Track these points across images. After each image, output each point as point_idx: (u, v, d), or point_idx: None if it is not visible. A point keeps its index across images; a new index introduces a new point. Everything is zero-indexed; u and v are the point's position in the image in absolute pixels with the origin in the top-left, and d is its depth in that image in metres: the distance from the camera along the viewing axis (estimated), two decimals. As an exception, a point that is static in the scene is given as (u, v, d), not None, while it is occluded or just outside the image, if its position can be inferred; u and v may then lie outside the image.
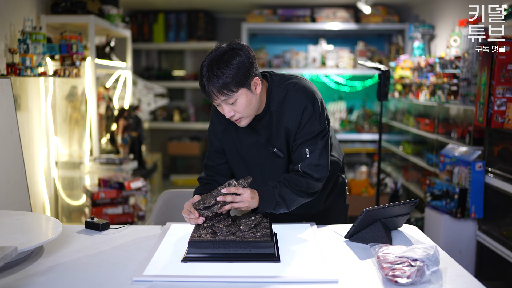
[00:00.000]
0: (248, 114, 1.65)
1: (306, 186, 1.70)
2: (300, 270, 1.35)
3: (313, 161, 1.70)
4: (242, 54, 1.59)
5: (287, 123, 1.71)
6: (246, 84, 1.60)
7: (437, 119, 3.69)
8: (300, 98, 1.70)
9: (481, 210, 2.84)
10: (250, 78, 1.61)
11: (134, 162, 3.54)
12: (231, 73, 1.56)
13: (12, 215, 1.68)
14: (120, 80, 4.12)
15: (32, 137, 2.97)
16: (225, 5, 5.70)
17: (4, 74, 2.60)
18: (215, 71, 1.56)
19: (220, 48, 1.61)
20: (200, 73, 1.61)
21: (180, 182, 6.02)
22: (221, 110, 1.65)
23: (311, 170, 1.70)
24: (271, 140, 1.75)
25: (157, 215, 2.18)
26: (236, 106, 1.61)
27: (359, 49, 5.59)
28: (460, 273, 1.35)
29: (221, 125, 1.81)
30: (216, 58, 1.58)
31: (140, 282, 1.28)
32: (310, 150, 1.70)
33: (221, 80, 1.55)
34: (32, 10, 3.03)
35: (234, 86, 1.57)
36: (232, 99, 1.59)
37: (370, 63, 3.22)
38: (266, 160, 1.78)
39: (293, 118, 1.70)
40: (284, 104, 1.72)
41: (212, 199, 1.52)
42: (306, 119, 1.70)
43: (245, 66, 1.58)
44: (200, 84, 1.61)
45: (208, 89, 1.58)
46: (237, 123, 1.68)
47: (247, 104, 1.62)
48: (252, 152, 1.79)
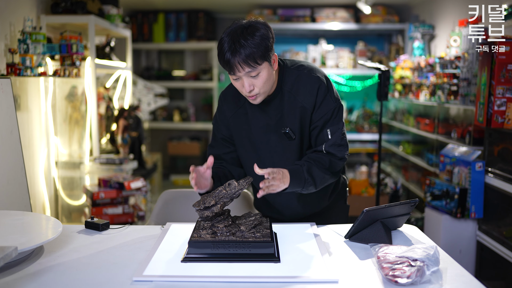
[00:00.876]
0: (265, 90, 1.68)
1: (329, 165, 1.74)
2: (300, 270, 1.35)
3: (336, 141, 1.75)
4: (263, 28, 1.62)
5: (303, 102, 1.74)
6: (268, 58, 1.63)
7: (437, 119, 3.69)
8: (313, 78, 1.75)
9: (481, 210, 2.85)
10: (271, 52, 1.64)
11: (134, 162, 3.54)
12: (258, 44, 1.58)
13: (12, 215, 1.68)
14: (120, 80, 4.12)
15: (32, 137, 2.97)
16: (225, 5, 5.70)
17: (4, 74, 2.60)
18: (242, 42, 1.57)
19: (239, 22, 1.63)
20: (221, 46, 1.61)
21: (180, 182, 6.02)
22: (239, 85, 1.67)
23: (335, 150, 1.74)
24: (283, 121, 1.77)
25: (157, 215, 2.18)
26: (257, 80, 1.63)
27: (359, 49, 5.59)
28: (460, 273, 1.35)
29: (231, 111, 1.83)
30: (241, 30, 1.59)
31: (140, 282, 1.28)
32: (332, 131, 1.75)
33: (247, 50, 1.57)
34: (32, 10, 3.03)
35: (259, 58, 1.59)
36: (255, 72, 1.61)
37: (370, 63, 3.22)
38: (276, 144, 1.80)
39: (308, 97, 1.74)
40: (297, 85, 1.75)
41: (212, 199, 1.52)
42: (321, 97, 1.74)
43: (268, 39, 1.62)
44: (222, 57, 1.61)
45: (232, 60, 1.58)
46: (252, 100, 1.69)
47: (267, 78, 1.65)
48: (262, 136, 1.80)
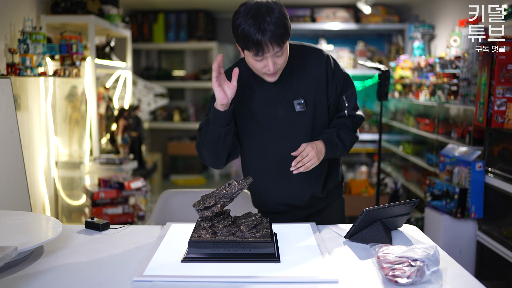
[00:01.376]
0: (283, 66, 1.72)
1: (353, 126, 1.87)
2: (300, 270, 1.35)
3: (354, 105, 1.88)
4: (279, 6, 1.63)
5: (315, 73, 1.80)
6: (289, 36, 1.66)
7: (437, 119, 3.69)
8: (318, 51, 1.83)
9: (481, 210, 2.85)
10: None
11: (134, 162, 3.54)
12: (283, 23, 1.60)
13: (12, 215, 1.68)
14: (120, 80, 4.12)
15: (32, 137, 2.97)
16: (225, 5, 5.70)
17: (4, 74, 2.60)
18: (268, 22, 1.58)
19: (252, 3, 1.64)
20: (244, 29, 1.62)
21: (180, 182, 6.02)
22: (260, 64, 1.67)
23: (355, 111, 1.88)
24: (295, 93, 1.80)
25: (157, 215, 2.18)
26: (279, 59, 1.67)
27: (359, 49, 5.59)
28: (460, 273, 1.35)
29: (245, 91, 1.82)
30: (262, 11, 1.59)
31: (140, 282, 1.28)
32: (348, 97, 1.86)
33: (277, 30, 1.58)
34: (32, 10, 3.03)
35: (285, 37, 1.62)
36: (281, 51, 1.64)
37: (370, 63, 3.22)
38: (283, 117, 1.81)
39: (318, 68, 1.80)
40: (304, 58, 1.81)
41: (212, 199, 1.52)
42: (331, 68, 1.82)
43: (287, 17, 1.64)
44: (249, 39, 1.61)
45: (264, 41, 1.58)
46: (271, 77, 1.72)
47: (287, 56, 1.70)
48: (268, 110, 1.81)
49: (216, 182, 6.03)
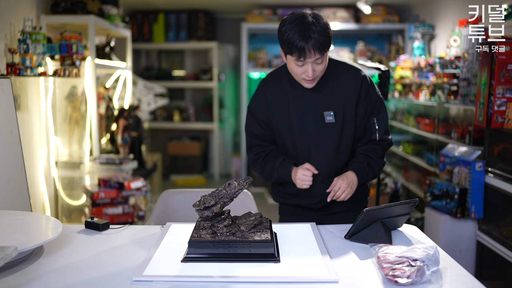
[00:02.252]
0: (321, 75, 1.85)
1: (382, 152, 1.95)
2: (300, 270, 1.35)
3: (385, 129, 1.95)
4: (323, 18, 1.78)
5: (347, 89, 1.90)
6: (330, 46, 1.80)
7: (437, 119, 3.69)
8: (356, 69, 1.93)
9: (481, 210, 2.85)
10: None
11: (134, 162, 3.54)
12: (326, 33, 1.75)
13: (12, 215, 1.68)
14: (120, 80, 4.12)
15: (32, 137, 2.97)
16: (225, 5, 5.70)
17: (4, 74, 2.60)
18: (313, 30, 1.72)
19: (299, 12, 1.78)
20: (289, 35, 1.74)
21: (180, 182, 6.02)
22: (300, 69, 1.80)
23: (386, 137, 1.95)
24: (327, 104, 1.90)
25: (157, 215, 2.18)
26: (319, 66, 1.79)
27: (359, 49, 5.59)
28: (460, 273, 1.35)
29: (272, 94, 1.95)
30: (308, 20, 1.74)
31: (140, 282, 1.28)
32: (379, 120, 1.93)
33: (320, 38, 1.73)
34: (32, 10, 3.03)
35: (327, 46, 1.76)
36: (321, 59, 1.78)
37: (370, 63, 3.22)
38: (312, 126, 1.91)
39: (353, 86, 1.90)
40: (341, 73, 1.91)
41: (212, 199, 1.52)
42: (366, 89, 1.91)
43: (330, 28, 1.78)
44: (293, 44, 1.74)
45: (307, 47, 1.72)
46: (309, 83, 1.84)
47: (326, 65, 1.83)
48: (300, 117, 1.91)
49: (216, 182, 6.03)
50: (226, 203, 1.53)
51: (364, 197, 2.09)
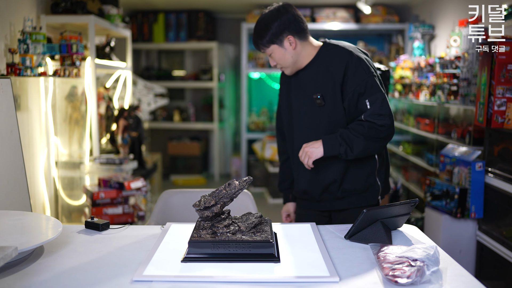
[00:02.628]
0: (286, 65, 2.02)
1: (368, 130, 1.87)
2: (300, 270, 1.35)
3: (375, 110, 1.89)
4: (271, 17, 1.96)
5: (333, 72, 1.94)
6: (276, 42, 1.96)
7: (437, 119, 3.69)
8: (345, 51, 1.96)
9: (481, 210, 2.85)
10: (279, 37, 1.95)
11: (134, 162, 3.54)
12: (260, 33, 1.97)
13: (12, 215, 1.68)
14: (120, 80, 4.12)
15: (32, 137, 2.97)
16: (225, 5, 5.70)
17: (4, 74, 2.60)
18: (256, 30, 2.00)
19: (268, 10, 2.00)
20: None
21: (180, 182, 6.02)
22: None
23: (373, 118, 1.88)
24: (316, 88, 1.99)
25: (157, 215, 2.18)
26: (276, 57, 2.00)
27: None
28: (460, 273, 1.35)
29: (282, 83, 2.17)
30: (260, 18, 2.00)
31: (140, 282, 1.28)
32: (371, 101, 1.90)
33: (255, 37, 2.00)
34: (32, 10, 3.03)
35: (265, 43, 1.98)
36: (269, 52, 2.00)
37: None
38: (306, 110, 2.02)
39: (339, 68, 1.93)
40: (330, 57, 1.98)
41: (212, 199, 1.52)
42: (352, 69, 1.92)
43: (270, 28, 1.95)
44: None
45: (254, 44, 2.03)
46: (284, 70, 2.07)
47: (280, 57, 1.99)
48: (297, 102, 2.05)
49: (216, 182, 6.03)
50: (226, 203, 1.53)
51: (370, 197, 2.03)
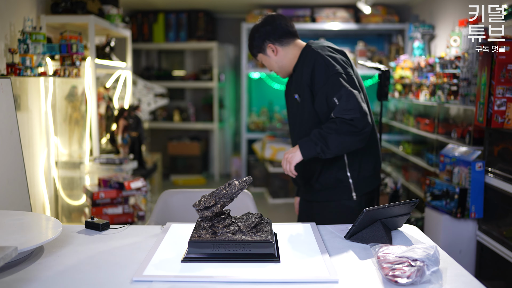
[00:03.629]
0: (276, 70, 2.23)
1: (339, 125, 1.95)
2: (300, 270, 1.35)
3: (342, 106, 1.97)
4: (256, 29, 2.18)
5: (304, 74, 2.09)
6: (261, 51, 2.20)
7: (437, 119, 3.69)
8: (313, 53, 2.09)
9: (481, 210, 2.85)
10: (263, 46, 2.18)
11: (134, 162, 3.54)
12: (249, 44, 2.23)
13: (12, 215, 1.68)
14: (120, 80, 4.12)
15: (32, 137, 2.97)
16: (225, 5, 5.70)
17: (4, 74, 2.60)
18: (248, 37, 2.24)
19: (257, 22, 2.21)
20: None
21: (180, 182, 6.02)
22: None
23: (342, 114, 1.96)
24: (295, 89, 2.17)
25: (157, 215, 2.18)
26: (267, 64, 2.24)
27: (359, 49, 5.59)
28: (460, 273, 1.35)
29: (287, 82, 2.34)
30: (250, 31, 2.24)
31: (140, 282, 1.28)
32: (338, 98, 1.98)
33: (248, 43, 2.25)
34: (32, 10, 3.03)
35: (252, 52, 2.23)
36: (260, 60, 2.25)
37: (370, 63, 3.22)
38: (292, 108, 2.24)
39: (308, 70, 2.07)
40: (303, 60, 2.13)
41: (212, 199, 1.52)
42: (318, 70, 2.03)
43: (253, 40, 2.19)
44: None
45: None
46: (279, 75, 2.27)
47: (269, 64, 2.22)
48: (288, 102, 2.28)
49: (216, 182, 6.03)
50: (226, 203, 1.53)
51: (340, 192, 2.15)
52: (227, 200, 1.53)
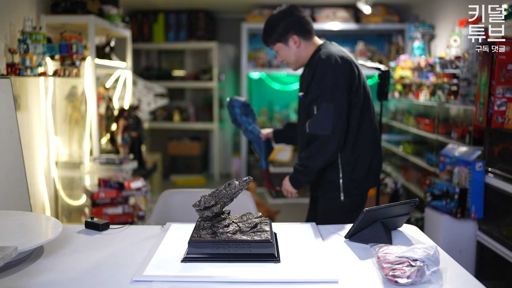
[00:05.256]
0: (291, 61, 2.24)
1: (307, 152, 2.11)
2: (300, 270, 1.35)
3: (317, 118, 2.07)
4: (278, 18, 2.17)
5: (308, 75, 2.15)
6: (281, 40, 2.19)
7: (437, 119, 3.69)
8: (322, 57, 2.10)
9: (481, 210, 2.85)
10: (284, 36, 2.17)
11: (134, 162, 3.54)
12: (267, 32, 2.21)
13: (12, 215, 1.68)
14: (120, 80, 4.12)
15: (32, 137, 2.97)
16: (225, 5, 5.70)
17: (4, 74, 2.60)
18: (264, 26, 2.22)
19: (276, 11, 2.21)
20: None
21: (180, 182, 6.02)
22: None
23: (314, 129, 2.08)
24: (301, 87, 2.25)
25: (157, 215, 2.18)
26: (281, 54, 2.24)
27: (359, 49, 5.59)
28: (460, 273, 1.35)
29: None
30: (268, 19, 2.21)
31: (140, 282, 1.28)
32: (317, 108, 2.08)
33: (263, 35, 2.23)
34: (32, 10, 3.03)
35: (270, 41, 2.21)
36: (275, 50, 2.24)
37: (370, 63, 3.22)
38: (298, 105, 2.32)
39: (312, 72, 2.12)
40: (312, 60, 2.17)
41: (212, 199, 1.52)
42: (319, 74, 2.08)
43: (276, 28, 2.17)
44: None
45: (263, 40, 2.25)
46: (289, 66, 2.30)
47: (286, 54, 2.22)
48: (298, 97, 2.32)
49: (216, 182, 6.03)
50: (226, 203, 1.53)
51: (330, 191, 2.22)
52: (227, 200, 1.53)
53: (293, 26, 2.16)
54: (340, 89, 2.05)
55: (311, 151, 2.10)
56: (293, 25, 2.16)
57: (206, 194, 1.58)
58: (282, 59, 2.27)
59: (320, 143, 2.06)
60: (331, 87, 2.04)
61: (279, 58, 2.27)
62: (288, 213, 4.70)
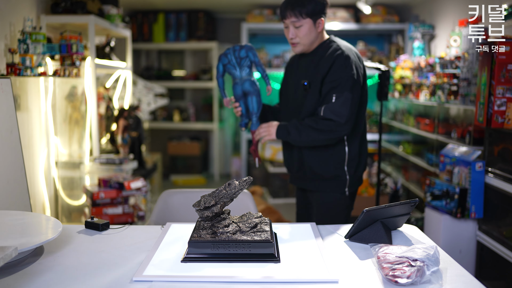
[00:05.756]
0: (305, 42, 2.14)
1: (315, 122, 2.07)
2: (300, 270, 1.35)
3: (335, 106, 2.05)
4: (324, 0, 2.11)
5: (322, 67, 2.10)
6: (313, 17, 2.09)
7: (437, 119, 3.69)
8: (337, 50, 2.11)
9: (481, 210, 2.85)
10: (318, 16, 2.10)
11: (134, 162, 3.54)
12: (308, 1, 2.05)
13: (12, 215, 1.68)
14: (120, 80, 4.12)
15: (32, 137, 2.97)
16: (225, 5, 5.70)
17: (4, 74, 2.60)
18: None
19: None
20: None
21: (180, 182, 6.02)
22: (286, 32, 2.16)
23: (329, 115, 2.05)
24: (306, 75, 2.18)
25: (157, 215, 2.18)
26: (299, 31, 2.11)
27: (359, 49, 5.59)
28: (460, 273, 1.35)
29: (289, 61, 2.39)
30: None
31: (140, 282, 1.28)
32: (337, 97, 2.05)
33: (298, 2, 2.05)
34: (32, 10, 3.03)
35: (304, 12, 2.06)
36: (299, 23, 2.09)
37: (370, 63, 3.22)
38: (293, 92, 2.27)
39: (327, 63, 2.10)
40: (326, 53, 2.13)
41: (212, 199, 1.52)
42: (337, 65, 2.07)
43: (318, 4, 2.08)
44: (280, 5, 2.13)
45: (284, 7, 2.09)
46: (293, 47, 2.18)
47: (307, 32, 2.11)
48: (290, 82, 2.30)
49: (216, 182, 6.03)
50: (226, 203, 1.53)
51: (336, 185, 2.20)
52: (227, 200, 1.53)
53: (324, 9, 2.14)
54: (358, 83, 2.10)
55: (321, 125, 2.07)
56: (325, 8, 2.14)
57: (206, 194, 1.58)
58: (295, 36, 2.13)
59: (333, 124, 2.06)
60: (353, 79, 2.07)
61: (291, 34, 2.13)
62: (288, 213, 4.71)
